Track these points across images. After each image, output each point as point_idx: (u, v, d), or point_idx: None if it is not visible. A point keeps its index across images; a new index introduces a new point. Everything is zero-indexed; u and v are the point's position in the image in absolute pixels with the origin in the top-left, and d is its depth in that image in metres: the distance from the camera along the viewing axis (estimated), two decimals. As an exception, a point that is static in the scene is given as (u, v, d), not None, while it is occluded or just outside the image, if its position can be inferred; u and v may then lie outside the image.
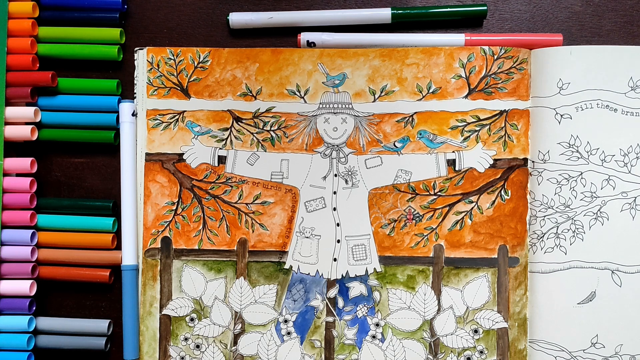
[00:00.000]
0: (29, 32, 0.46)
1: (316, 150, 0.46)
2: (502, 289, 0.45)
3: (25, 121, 0.47)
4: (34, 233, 0.46)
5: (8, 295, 0.46)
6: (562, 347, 0.44)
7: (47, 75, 0.46)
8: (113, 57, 0.47)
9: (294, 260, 0.46)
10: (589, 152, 0.45)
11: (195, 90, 0.47)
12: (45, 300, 0.48)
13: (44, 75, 0.46)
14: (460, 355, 0.45)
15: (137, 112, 0.47)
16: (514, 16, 0.47)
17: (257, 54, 0.46)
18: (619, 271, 0.44)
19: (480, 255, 0.45)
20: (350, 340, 0.46)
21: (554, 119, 0.45)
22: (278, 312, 0.46)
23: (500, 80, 0.45)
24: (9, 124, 0.46)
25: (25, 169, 0.46)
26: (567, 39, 0.47)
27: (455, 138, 0.45)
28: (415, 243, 0.45)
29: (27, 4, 0.46)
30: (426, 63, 0.46)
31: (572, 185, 0.45)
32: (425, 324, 0.45)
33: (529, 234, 0.45)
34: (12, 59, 0.46)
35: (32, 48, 0.46)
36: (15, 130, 0.46)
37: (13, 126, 0.46)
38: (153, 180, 0.46)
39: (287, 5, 0.48)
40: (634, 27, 0.47)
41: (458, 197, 0.45)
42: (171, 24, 0.48)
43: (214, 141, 0.46)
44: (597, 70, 0.44)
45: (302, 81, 0.46)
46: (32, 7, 0.46)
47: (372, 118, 0.46)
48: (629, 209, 0.44)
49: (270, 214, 0.46)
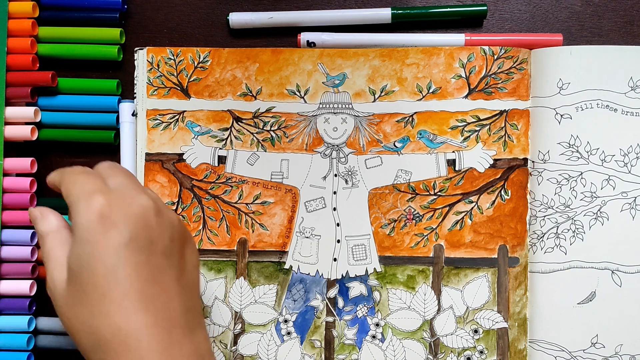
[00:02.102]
0: (29, 32, 0.46)
1: (316, 150, 0.46)
2: (502, 289, 0.45)
3: (25, 121, 0.47)
4: (34, 233, 0.46)
5: (8, 295, 0.46)
6: (562, 347, 0.44)
7: (47, 75, 0.46)
8: (113, 57, 0.47)
9: (294, 260, 0.46)
10: (589, 152, 0.45)
11: (195, 90, 0.47)
12: (46, 300, 0.48)
13: (44, 75, 0.46)
14: (460, 355, 0.45)
15: (137, 112, 0.47)
16: (514, 16, 0.47)
17: (257, 54, 0.46)
18: (619, 271, 0.44)
19: (480, 255, 0.45)
20: (350, 340, 0.46)
21: (554, 119, 0.45)
22: (278, 312, 0.46)
23: (500, 80, 0.45)
24: (9, 124, 0.46)
25: (25, 169, 0.46)
26: (567, 39, 0.47)
27: (455, 138, 0.45)
28: (415, 243, 0.45)
29: (27, 4, 0.46)
30: (426, 63, 0.46)
31: (572, 185, 0.45)
32: (425, 324, 0.45)
33: (529, 234, 0.45)
34: (12, 59, 0.46)
35: (32, 48, 0.46)
36: (15, 130, 0.46)
37: (13, 126, 0.46)
38: (153, 180, 0.46)
39: (287, 5, 0.48)
40: (634, 27, 0.47)
41: (458, 197, 0.45)
42: (171, 24, 0.48)
43: (214, 141, 0.46)
44: (597, 70, 0.44)
45: (302, 81, 0.46)
46: (32, 7, 0.46)
47: (372, 118, 0.46)
48: (629, 209, 0.44)
49: (270, 214, 0.46)
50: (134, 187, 0.36)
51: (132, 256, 0.33)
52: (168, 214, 0.36)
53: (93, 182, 0.36)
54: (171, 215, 0.37)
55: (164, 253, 0.35)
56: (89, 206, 0.34)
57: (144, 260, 0.34)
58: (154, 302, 0.33)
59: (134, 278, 0.33)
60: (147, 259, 0.34)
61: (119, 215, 0.34)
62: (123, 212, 0.34)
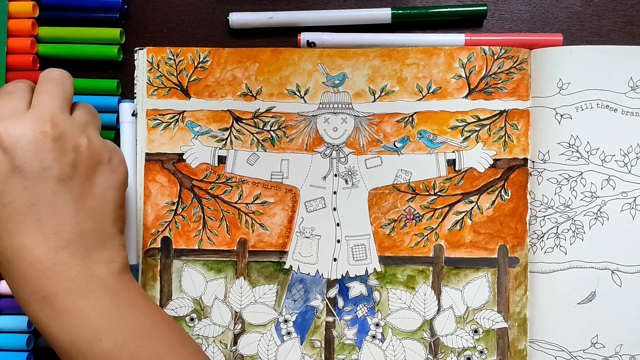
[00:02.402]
0: (29, 32, 0.46)
1: (316, 150, 0.46)
2: (502, 289, 0.45)
3: None
4: None
5: (8, 295, 0.46)
6: (562, 347, 0.44)
7: None
8: (113, 57, 0.47)
9: (294, 260, 0.46)
10: (589, 152, 0.45)
11: (195, 90, 0.47)
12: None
13: None
14: (460, 355, 0.45)
15: (137, 112, 0.47)
16: (514, 16, 0.47)
17: (257, 54, 0.46)
18: (619, 271, 0.44)
19: (480, 255, 0.45)
20: (350, 340, 0.46)
21: (554, 119, 0.45)
22: (278, 312, 0.46)
23: (500, 80, 0.45)
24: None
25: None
26: (567, 39, 0.47)
27: (455, 138, 0.45)
28: (415, 243, 0.45)
29: (27, 4, 0.46)
30: (426, 63, 0.46)
31: (572, 185, 0.45)
32: (425, 324, 0.45)
33: (529, 234, 0.45)
34: (12, 59, 0.46)
35: (32, 48, 0.46)
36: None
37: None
38: (153, 180, 0.46)
39: (287, 5, 0.48)
40: (634, 27, 0.47)
41: (458, 197, 0.45)
42: (171, 24, 0.48)
43: (214, 141, 0.46)
44: (597, 70, 0.44)
45: (302, 81, 0.46)
46: (32, 7, 0.46)
47: (372, 118, 0.46)
48: (629, 209, 0.44)
49: (270, 214, 0.46)
50: (46, 110, 0.37)
51: (18, 182, 0.35)
52: (74, 140, 0.37)
53: (7, 106, 0.37)
54: (79, 141, 0.37)
55: (60, 178, 0.36)
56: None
57: (32, 185, 0.35)
58: (42, 225, 0.35)
59: (20, 202, 0.35)
60: (37, 183, 0.35)
61: (11, 142, 0.35)
62: (16, 139, 0.35)
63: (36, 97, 0.38)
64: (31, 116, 0.36)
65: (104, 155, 0.39)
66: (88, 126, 0.39)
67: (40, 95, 0.38)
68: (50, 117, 0.36)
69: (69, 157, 0.37)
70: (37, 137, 0.36)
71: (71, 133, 0.37)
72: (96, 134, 0.39)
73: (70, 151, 0.37)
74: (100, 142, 0.39)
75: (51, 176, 0.36)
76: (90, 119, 0.40)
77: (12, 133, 0.35)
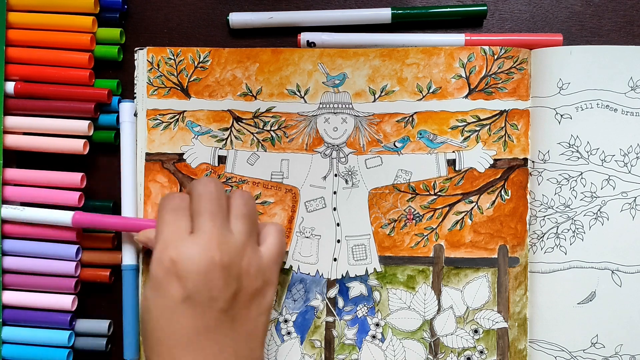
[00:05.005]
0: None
1: (316, 150, 0.46)
2: (502, 289, 0.45)
3: (77, 134, 0.46)
4: (79, 249, 0.46)
5: (49, 309, 0.46)
6: (562, 347, 0.44)
7: (104, 93, 0.46)
8: (113, 57, 0.47)
9: (294, 260, 0.46)
10: (589, 152, 0.45)
11: (196, 90, 0.47)
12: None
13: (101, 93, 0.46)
14: (460, 355, 0.45)
15: (137, 112, 0.47)
16: (514, 16, 0.47)
17: (257, 54, 0.46)
18: (619, 271, 0.44)
19: (480, 255, 0.45)
20: (350, 340, 0.46)
21: (554, 119, 0.45)
22: (278, 312, 0.46)
23: (501, 80, 0.45)
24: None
25: (75, 184, 0.46)
26: (567, 39, 0.47)
27: (456, 138, 0.45)
28: (415, 243, 0.45)
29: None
30: (426, 63, 0.46)
31: (572, 185, 0.45)
32: (425, 324, 0.45)
33: (529, 234, 0.45)
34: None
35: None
36: (67, 143, 0.46)
37: (65, 139, 0.46)
38: (153, 180, 0.46)
39: (287, 5, 0.48)
40: (634, 27, 0.47)
41: (458, 197, 0.45)
42: (171, 24, 0.48)
43: (214, 141, 0.47)
44: (597, 70, 0.44)
45: (302, 81, 0.46)
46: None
47: (372, 118, 0.46)
48: (629, 209, 0.44)
49: (270, 214, 0.46)
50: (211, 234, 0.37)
51: (188, 310, 0.36)
52: (238, 267, 0.38)
53: (176, 227, 0.38)
54: (242, 266, 0.38)
55: (223, 308, 0.37)
56: (161, 258, 0.37)
57: (199, 314, 0.36)
58: (205, 353, 0.36)
59: (187, 330, 0.36)
60: (204, 313, 0.36)
61: (184, 270, 0.36)
62: (189, 267, 0.36)
63: (198, 218, 0.38)
64: (201, 241, 0.37)
65: (259, 279, 0.39)
66: (248, 243, 0.39)
67: (201, 216, 0.38)
68: (217, 243, 0.37)
69: (233, 287, 0.37)
70: (208, 266, 0.36)
71: (235, 259, 0.38)
72: (254, 251, 0.39)
73: (234, 280, 0.37)
74: (256, 266, 0.39)
75: (217, 306, 0.37)
76: (249, 228, 0.39)
77: (186, 260, 0.36)
